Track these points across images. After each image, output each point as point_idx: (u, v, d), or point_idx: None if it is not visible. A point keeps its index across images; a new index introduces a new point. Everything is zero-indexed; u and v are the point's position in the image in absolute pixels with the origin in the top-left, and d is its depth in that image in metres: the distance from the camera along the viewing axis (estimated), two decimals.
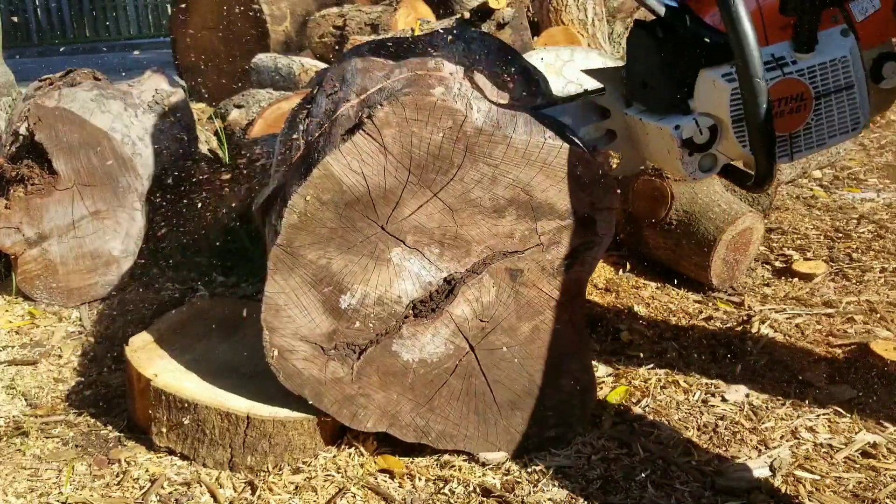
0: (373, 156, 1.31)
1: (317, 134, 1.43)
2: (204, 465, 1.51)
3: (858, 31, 1.34)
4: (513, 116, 1.36)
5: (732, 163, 1.39)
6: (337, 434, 1.54)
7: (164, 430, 1.53)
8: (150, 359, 1.62)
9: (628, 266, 2.32)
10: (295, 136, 1.55)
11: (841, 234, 2.56)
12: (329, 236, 1.35)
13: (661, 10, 1.30)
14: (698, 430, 1.59)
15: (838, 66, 1.31)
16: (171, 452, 1.55)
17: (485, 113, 1.34)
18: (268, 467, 1.49)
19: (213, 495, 1.44)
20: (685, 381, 1.75)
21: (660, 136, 1.37)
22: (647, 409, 1.66)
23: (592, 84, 1.53)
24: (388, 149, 1.31)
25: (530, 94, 1.50)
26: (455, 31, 1.75)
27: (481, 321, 1.43)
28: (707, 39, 1.29)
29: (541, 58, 2.87)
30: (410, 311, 1.42)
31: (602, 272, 2.27)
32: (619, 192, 1.87)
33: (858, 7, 1.34)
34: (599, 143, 1.51)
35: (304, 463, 1.50)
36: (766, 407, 1.65)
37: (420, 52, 1.53)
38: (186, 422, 1.50)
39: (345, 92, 1.48)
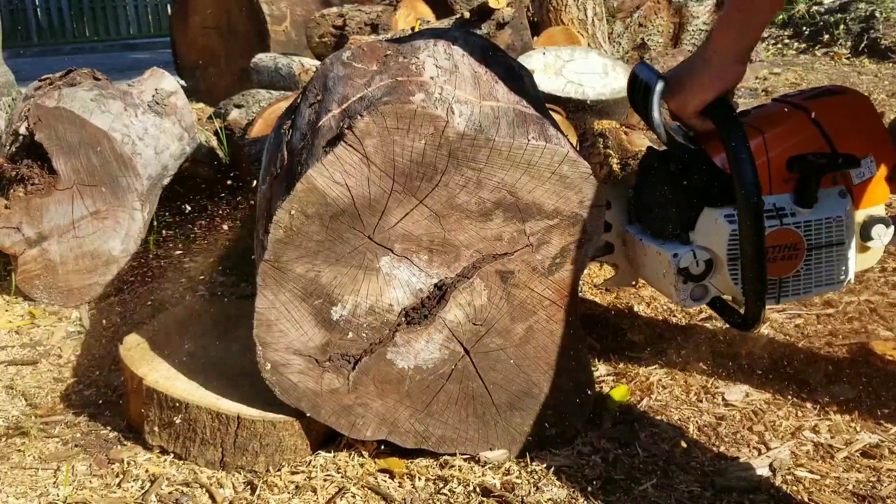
0: (355, 167, 1.30)
1: (300, 146, 1.42)
2: (196, 465, 1.52)
3: (854, 193, 1.42)
4: (495, 119, 1.35)
5: (723, 297, 1.45)
6: (329, 435, 1.54)
7: (156, 428, 1.54)
8: (142, 357, 1.62)
9: None
10: (279, 148, 1.55)
11: None
12: (316, 249, 1.35)
13: (677, 148, 1.39)
14: (698, 430, 1.59)
15: (833, 224, 1.39)
16: (163, 451, 1.55)
17: (466, 117, 1.33)
18: (259, 468, 1.49)
19: (213, 495, 1.44)
20: (685, 381, 1.75)
21: (657, 260, 1.43)
22: (647, 408, 1.66)
23: (591, 88, 1.57)
24: (371, 159, 1.30)
25: (515, 93, 1.50)
26: (437, 31, 1.74)
27: (475, 324, 1.43)
28: (715, 181, 1.36)
29: (541, 57, 2.87)
30: (403, 319, 1.41)
31: (602, 272, 2.27)
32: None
33: (857, 172, 1.41)
34: (597, 254, 1.57)
35: (301, 462, 1.50)
36: (766, 407, 1.65)
37: (402, 56, 1.53)
38: (178, 421, 1.50)
39: (327, 101, 1.47)
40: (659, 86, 1.35)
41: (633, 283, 1.59)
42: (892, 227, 1.47)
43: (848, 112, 1.42)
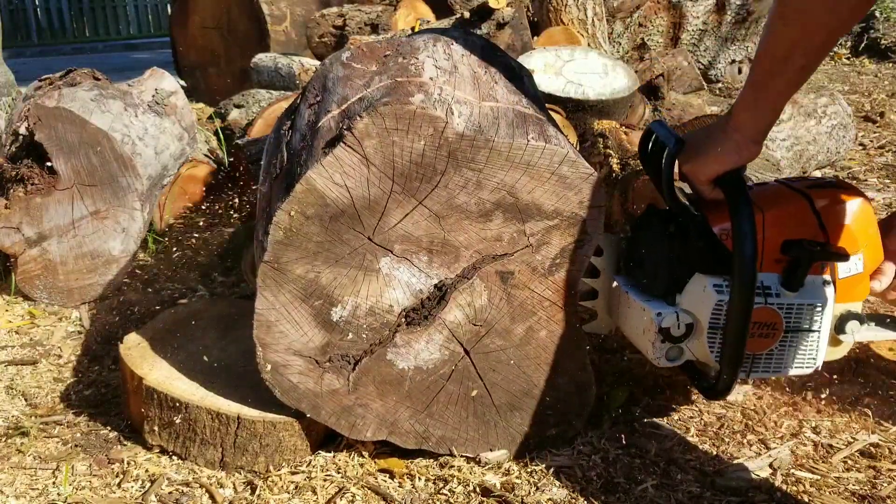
0: (355, 168, 1.30)
1: (299, 147, 1.42)
2: (196, 465, 1.52)
3: (837, 286, 1.45)
4: (495, 119, 1.35)
5: (696, 361, 1.46)
6: (329, 435, 1.54)
7: (155, 428, 1.54)
8: (143, 357, 1.62)
9: None
10: (278, 149, 1.55)
11: None
12: (316, 250, 1.35)
13: (682, 212, 1.40)
14: (698, 430, 1.59)
15: (813, 311, 1.41)
16: (163, 451, 1.55)
17: (466, 117, 1.33)
18: (259, 468, 1.49)
19: (213, 495, 1.44)
20: (685, 381, 1.75)
21: (640, 316, 1.45)
22: (647, 408, 1.66)
23: (591, 88, 1.55)
24: (370, 160, 1.30)
25: (514, 93, 1.50)
26: (437, 31, 1.74)
27: (475, 325, 1.43)
28: (710, 249, 1.39)
29: (541, 57, 2.87)
30: (403, 320, 1.41)
31: None
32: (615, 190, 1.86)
33: (844, 266, 1.45)
34: (581, 297, 1.58)
35: (301, 462, 1.50)
36: (767, 407, 1.65)
37: (401, 57, 1.53)
38: (178, 421, 1.50)
39: (326, 102, 1.47)
40: (676, 148, 1.37)
41: (607, 332, 1.60)
42: (865, 325, 1.50)
43: (847, 207, 1.45)
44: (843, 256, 1.39)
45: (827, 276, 1.43)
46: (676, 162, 1.41)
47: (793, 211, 1.42)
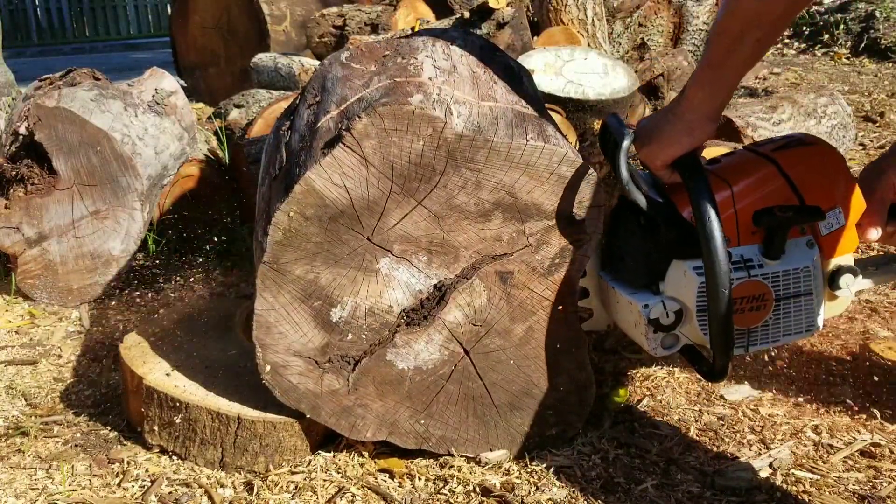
0: (354, 168, 1.30)
1: (298, 147, 1.42)
2: (196, 465, 1.52)
3: (822, 244, 1.43)
4: (494, 119, 1.35)
5: (694, 345, 1.46)
6: (329, 435, 1.54)
7: (155, 428, 1.54)
8: (143, 357, 1.62)
9: None
10: (278, 149, 1.55)
11: None
12: (315, 251, 1.35)
13: (644, 204, 1.37)
14: (698, 430, 1.59)
15: (800, 275, 1.40)
16: (163, 451, 1.55)
17: (465, 117, 1.33)
18: (259, 468, 1.49)
19: (212, 496, 1.44)
20: (685, 381, 1.75)
21: (629, 310, 1.44)
22: (647, 408, 1.66)
23: (591, 88, 1.54)
24: (369, 160, 1.30)
25: (513, 93, 1.50)
26: (436, 32, 1.74)
27: (474, 325, 1.43)
28: (683, 233, 1.37)
29: (541, 57, 2.87)
30: (402, 320, 1.41)
31: None
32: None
33: (824, 224, 1.42)
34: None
35: (301, 463, 1.50)
36: (767, 407, 1.65)
37: (400, 57, 1.53)
38: (178, 421, 1.50)
39: (325, 102, 1.47)
40: (626, 142, 1.36)
41: (607, 327, 1.60)
42: (860, 276, 1.48)
43: (816, 163, 1.44)
44: (818, 215, 1.37)
45: (809, 237, 1.41)
46: (635, 149, 1.39)
47: (761, 178, 1.40)
